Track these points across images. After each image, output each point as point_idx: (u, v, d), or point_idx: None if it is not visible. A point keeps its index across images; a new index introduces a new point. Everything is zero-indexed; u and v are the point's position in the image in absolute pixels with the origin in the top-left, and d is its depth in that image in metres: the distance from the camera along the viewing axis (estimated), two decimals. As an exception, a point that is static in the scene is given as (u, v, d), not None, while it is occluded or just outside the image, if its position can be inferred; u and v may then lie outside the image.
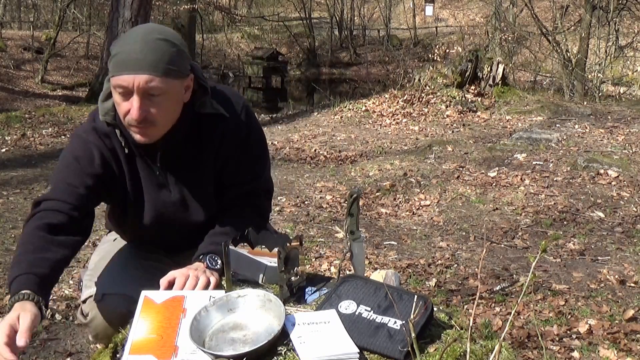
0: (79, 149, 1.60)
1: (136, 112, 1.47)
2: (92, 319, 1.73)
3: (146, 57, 1.44)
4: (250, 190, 1.77)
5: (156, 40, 1.46)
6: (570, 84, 11.67)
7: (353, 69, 22.35)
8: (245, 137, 1.70)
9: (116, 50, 1.48)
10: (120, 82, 1.47)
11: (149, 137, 1.54)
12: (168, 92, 1.49)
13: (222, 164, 1.70)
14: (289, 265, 1.55)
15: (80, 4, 19.19)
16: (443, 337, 1.39)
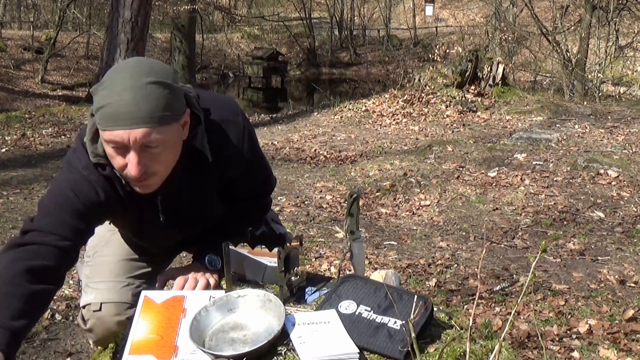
0: (80, 185, 1.46)
1: (135, 169, 1.34)
2: (91, 327, 1.74)
3: (140, 108, 1.29)
4: (255, 196, 1.78)
5: (147, 85, 1.29)
6: (570, 84, 11.67)
7: (353, 69, 22.35)
8: (249, 162, 1.61)
9: (102, 101, 1.31)
10: (113, 137, 1.31)
11: (150, 188, 1.45)
12: (167, 140, 1.36)
13: (226, 185, 1.65)
14: (289, 265, 1.55)
15: (80, 4, 19.19)
16: (443, 337, 1.39)
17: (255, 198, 1.76)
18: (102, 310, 1.70)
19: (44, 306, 1.42)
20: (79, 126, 7.80)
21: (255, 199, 1.77)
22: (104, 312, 1.70)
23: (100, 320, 1.71)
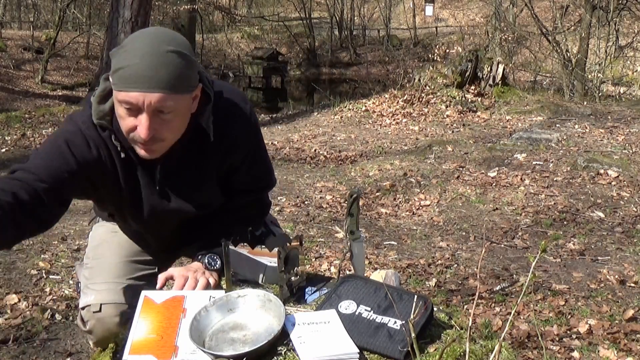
0: (75, 137, 1.48)
1: (145, 131, 1.38)
2: (91, 328, 1.73)
3: (158, 74, 1.33)
4: (254, 195, 1.78)
5: (167, 53, 1.34)
6: (570, 84, 11.67)
7: (353, 69, 22.35)
8: (251, 151, 1.65)
9: (122, 62, 1.35)
10: (128, 98, 1.35)
11: (154, 154, 1.47)
12: (178, 109, 1.41)
13: (226, 173, 1.66)
14: (289, 265, 1.55)
15: (80, 4, 19.19)
16: (443, 337, 1.39)
17: (254, 193, 1.76)
18: (102, 312, 1.70)
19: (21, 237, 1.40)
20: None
21: (254, 196, 1.77)
22: (103, 313, 1.70)
23: (100, 322, 1.70)
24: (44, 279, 3.24)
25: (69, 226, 4.12)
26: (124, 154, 1.50)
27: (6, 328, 2.72)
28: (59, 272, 3.35)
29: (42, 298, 3.02)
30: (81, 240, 3.84)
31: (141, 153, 1.46)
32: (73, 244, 3.78)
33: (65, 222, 4.20)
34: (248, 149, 1.63)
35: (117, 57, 1.37)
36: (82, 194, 1.58)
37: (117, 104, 1.40)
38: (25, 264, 3.43)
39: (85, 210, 4.54)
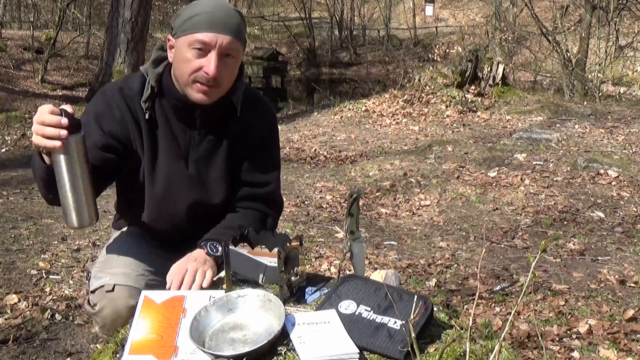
0: (101, 105, 1.68)
1: (214, 68, 1.56)
2: (100, 309, 1.72)
3: (229, 21, 1.57)
4: (260, 196, 1.81)
5: (233, 10, 1.61)
6: (570, 84, 11.67)
7: (353, 69, 22.34)
8: (264, 139, 1.78)
9: (195, 11, 1.57)
10: (203, 38, 1.55)
11: (210, 98, 1.63)
12: (238, 57, 1.63)
13: (236, 159, 1.76)
14: (289, 265, 1.55)
15: (80, 4, 19.19)
16: (443, 337, 1.39)
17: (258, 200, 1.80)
18: (115, 292, 1.69)
19: None
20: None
21: (258, 203, 1.80)
22: (116, 293, 1.69)
23: (112, 302, 1.69)
24: (44, 279, 3.24)
25: (69, 226, 4.12)
26: (148, 115, 1.68)
27: (6, 328, 2.71)
28: (59, 272, 3.35)
29: (42, 298, 3.02)
30: (81, 240, 3.84)
31: (198, 97, 1.62)
32: (73, 244, 3.78)
33: (65, 222, 4.20)
34: (261, 138, 1.77)
35: (187, 11, 1.59)
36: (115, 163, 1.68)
37: (185, 48, 1.58)
38: (25, 264, 3.42)
39: (85, 210, 4.55)
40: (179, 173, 1.73)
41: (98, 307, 1.72)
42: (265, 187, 1.81)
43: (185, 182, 1.74)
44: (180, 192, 1.75)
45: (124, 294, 1.68)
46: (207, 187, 1.76)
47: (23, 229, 4.01)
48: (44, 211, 4.51)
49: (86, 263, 3.49)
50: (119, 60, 9.88)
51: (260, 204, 1.81)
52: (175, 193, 1.75)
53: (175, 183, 1.74)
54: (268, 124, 1.81)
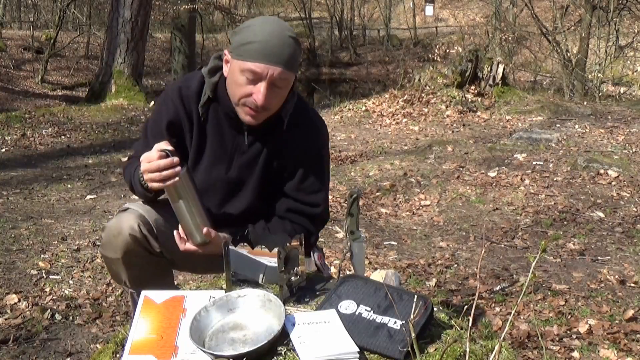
0: (162, 103, 1.82)
1: (262, 98, 1.63)
2: (107, 224, 1.84)
3: (282, 52, 1.61)
4: (308, 214, 1.84)
5: (290, 37, 1.63)
6: (570, 84, 11.68)
7: (353, 69, 22.33)
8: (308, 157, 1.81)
9: (250, 38, 1.62)
10: (254, 68, 1.61)
11: (257, 120, 1.71)
12: (288, 85, 1.69)
13: (274, 172, 1.81)
14: (289, 265, 1.55)
15: (80, 4, 19.17)
16: (443, 337, 1.39)
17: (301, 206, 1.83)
18: (126, 212, 1.81)
19: None
20: (79, 126, 7.81)
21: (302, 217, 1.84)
22: (126, 213, 1.80)
23: (118, 219, 1.80)
24: (44, 279, 3.24)
25: (69, 226, 4.12)
26: (202, 113, 1.78)
27: (6, 328, 2.72)
28: (59, 272, 3.35)
29: (42, 298, 3.02)
30: (81, 240, 3.85)
31: (247, 119, 1.71)
32: (73, 244, 3.78)
33: (65, 222, 4.20)
34: (303, 154, 1.80)
35: (244, 34, 1.64)
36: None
37: (238, 73, 1.65)
38: (25, 264, 3.42)
39: (85, 211, 4.55)
40: (218, 176, 1.82)
41: (107, 223, 1.85)
42: (315, 207, 1.84)
43: (223, 186, 1.83)
44: (214, 194, 1.83)
45: (131, 215, 1.79)
46: (241, 194, 1.84)
47: (23, 229, 4.01)
48: (44, 211, 4.51)
49: (80, 268, 3.50)
50: (119, 60, 9.88)
51: (308, 221, 1.85)
52: (210, 194, 1.83)
53: (212, 185, 1.82)
54: (313, 144, 1.83)
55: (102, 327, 2.78)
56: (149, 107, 9.28)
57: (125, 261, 1.80)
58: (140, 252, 1.79)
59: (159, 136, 1.75)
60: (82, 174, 5.71)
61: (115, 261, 1.81)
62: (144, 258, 1.81)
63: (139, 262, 1.82)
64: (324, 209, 1.86)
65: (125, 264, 1.81)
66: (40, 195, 4.99)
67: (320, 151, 1.86)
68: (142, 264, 1.83)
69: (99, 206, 4.68)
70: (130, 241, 1.76)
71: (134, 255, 1.79)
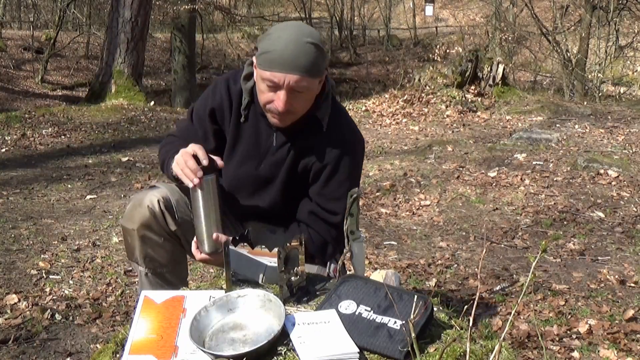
0: (210, 91, 1.91)
1: (282, 105, 1.68)
2: (132, 197, 1.93)
3: (298, 60, 1.64)
4: (329, 222, 1.85)
5: (306, 43, 1.65)
6: (570, 84, 11.68)
7: (353, 69, 22.34)
8: (338, 165, 1.82)
9: (268, 47, 1.66)
10: (271, 77, 1.66)
11: (285, 123, 1.77)
12: (309, 90, 1.71)
13: (300, 173, 1.85)
14: (289, 265, 1.55)
15: (80, 4, 19.18)
16: (443, 337, 1.39)
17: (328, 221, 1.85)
18: (153, 189, 1.91)
19: None
20: (79, 126, 7.81)
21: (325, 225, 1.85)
22: (152, 190, 1.90)
23: (142, 194, 1.89)
24: (44, 279, 3.24)
25: (68, 226, 4.12)
26: (245, 114, 1.85)
27: (6, 328, 2.71)
28: (59, 272, 3.35)
29: (42, 298, 3.02)
30: (81, 240, 3.85)
31: (273, 121, 1.78)
32: (73, 244, 3.78)
33: (65, 222, 4.20)
34: (335, 159, 1.82)
35: (264, 43, 1.68)
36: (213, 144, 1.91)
37: (260, 80, 1.71)
38: (25, 264, 3.43)
39: (85, 211, 4.55)
40: (248, 171, 1.88)
41: (133, 196, 1.96)
42: (333, 215, 1.85)
43: (251, 181, 1.89)
44: (242, 189, 1.90)
45: (155, 191, 1.89)
46: (267, 191, 1.89)
47: (23, 229, 4.01)
48: (44, 211, 4.51)
49: (80, 268, 3.50)
50: (119, 60, 9.87)
51: (325, 228, 1.86)
52: (238, 187, 1.90)
53: (242, 180, 1.89)
54: (340, 151, 1.82)
55: (102, 327, 2.78)
56: (149, 107, 9.28)
57: (140, 233, 1.86)
58: (155, 228, 1.86)
59: (201, 123, 1.88)
60: (82, 174, 5.71)
61: (131, 232, 1.88)
62: (158, 235, 1.88)
63: (153, 238, 1.88)
64: (342, 217, 1.81)
65: (140, 237, 1.87)
66: (40, 195, 4.99)
67: (346, 159, 1.84)
68: (156, 242, 1.89)
69: (99, 206, 4.68)
70: (147, 214, 1.84)
71: (148, 229, 1.86)
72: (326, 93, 1.82)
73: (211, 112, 1.88)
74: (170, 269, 1.96)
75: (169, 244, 1.91)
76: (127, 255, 2.02)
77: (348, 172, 1.86)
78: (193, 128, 1.92)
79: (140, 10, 9.88)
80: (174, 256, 1.95)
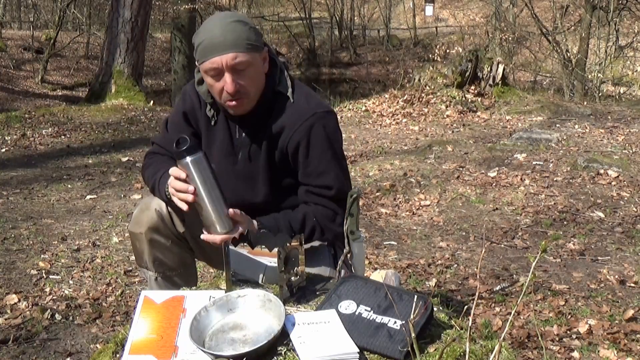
0: (181, 98, 1.93)
1: (230, 86, 1.67)
2: (139, 202, 1.95)
3: (227, 38, 1.65)
4: (327, 196, 1.81)
5: (231, 22, 1.67)
6: (570, 84, 11.68)
7: (353, 69, 22.34)
8: (307, 142, 1.78)
9: (199, 39, 1.68)
10: (210, 65, 1.66)
11: (242, 108, 1.75)
12: (252, 64, 1.69)
13: (278, 159, 1.82)
14: (289, 265, 1.55)
15: (80, 4, 19.18)
16: (443, 337, 1.39)
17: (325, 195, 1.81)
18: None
19: None
20: (79, 126, 7.81)
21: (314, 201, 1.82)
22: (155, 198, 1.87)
23: (149, 198, 1.88)
24: (44, 279, 3.24)
25: (68, 226, 4.12)
26: (211, 115, 1.85)
27: (6, 328, 2.72)
28: (59, 272, 3.35)
29: (42, 298, 3.02)
30: (81, 240, 3.85)
31: (232, 111, 1.76)
32: (73, 244, 3.78)
33: (65, 222, 4.20)
34: (306, 132, 1.77)
35: (195, 38, 1.70)
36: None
37: (205, 76, 1.72)
38: (25, 264, 3.43)
39: (85, 211, 4.55)
40: (227, 168, 1.85)
41: (142, 199, 1.99)
42: (327, 190, 1.81)
43: (232, 177, 1.85)
44: (227, 187, 1.79)
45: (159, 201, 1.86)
46: (252, 185, 1.85)
47: (23, 229, 4.01)
48: (44, 211, 4.51)
49: (80, 268, 3.50)
50: (119, 60, 9.87)
51: (331, 202, 1.82)
52: (224, 188, 1.79)
53: (225, 178, 1.81)
54: (305, 126, 1.78)
55: (102, 327, 2.77)
56: (148, 107, 9.28)
57: (148, 237, 1.84)
58: (163, 230, 1.84)
59: (177, 128, 1.88)
60: (82, 174, 5.71)
61: (139, 236, 1.85)
62: (167, 237, 1.85)
63: (161, 241, 1.85)
64: (338, 188, 1.81)
65: (148, 241, 1.84)
66: (40, 195, 4.99)
67: (318, 129, 1.79)
68: (165, 245, 1.86)
69: (99, 206, 4.68)
70: (155, 217, 1.82)
71: (157, 232, 1.83)
72: (279, 67, 1.80)
73: (184, 116, 1.89)
74: (180, 272, 1.93)
75: (177, 247, 1.89)
76: (136, 261, 1.98)
77: (325, 143, 1.80)
78: (169, 136, 1.89)
79: (140, 10, 9.88)
80: (182, 259, 1.93)
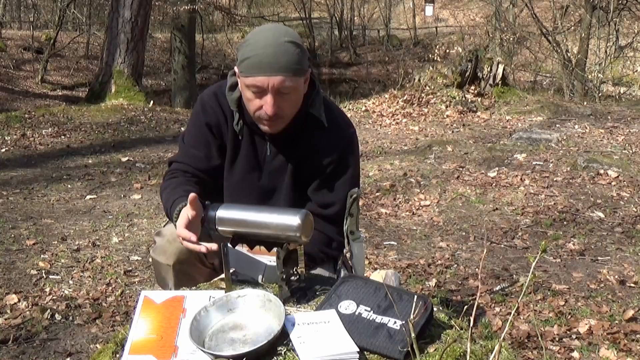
0: (200, 110, 1.84)
1: (271, 108, 1.64)
2: (163, 230, 1.89)
3: (279, 61, 1.60)
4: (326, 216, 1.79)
5: (284, 43, 1.62)
6: (570, 84, 11.67)
7: (353, 69, 22.33)
8: (333, 161, 1.78)
9: (247, 53, 1.63)
10: (255, 82, 1.62)
11: (276, 129, 1.73)
12: (296, 89, 1.67)
13: (305, 177, 1.81)
14: (288, 265, 1.55)
15: (80, 4, 19.17)
16: (443, 337, 1.39)
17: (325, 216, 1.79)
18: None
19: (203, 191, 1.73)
20: (79, 126, 7.81)
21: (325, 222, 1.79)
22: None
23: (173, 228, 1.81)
24: (43, 279, 3.24)
25: (68, 226, 4.12)
26: (239, 130, 1.80)
27: (6, 328, 2.72)
28: (59, 272, 3.35)
29: (42, 298, 3.02)
30: (81, 240, 3.85)
31: (265, 129, 1.73)
32: (73, 244, 3.78)
33: (65, 222, 4.20)
34: (329, 158, 1.78)
35: (243, 50, 1.65)
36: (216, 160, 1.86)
37: (245, 88, 1.68)
38: (25, 264, 3.43)
39: (85, 211, 4.55)
40: (251, 183, 1.83)
41: (163, 228, 1.92)
42: (326, 208, 1.79)
43: (255, 192, 1.83)
44: (248, 201, 1.80)
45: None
46: (273, 202, 1.83)
47: (23, 229, 4.01)
48: (44, 211, 4.51)
49: (80, 269, 3.50)
50: (119, 60, 9.87)
51: (326, 224, 1.79)
52: (244, 200, 1.80)
53: (247, 192, 1.82)
54: (339, 148, 1.79)
55: (102, 327, 2.77)
56: (148, 107, 9.27)
57: (176, 269, 1.80)
58: (192, 262, 1.80)
59: (202, 140, 1.81)
60: (82, 174, 5.70)
61: (166, 267, 1.81)
62: (195, 269, 1.82)
63: (189, 271, 1.82)
64: (339, 208, 1.78)
65: (175, 272, 1.80)
66: (40, 195, 4.99)
67: (340, 152, 1.80)
68: (192, 275, 1.82)
69: (98, 206, 4.68)
70: (184, 249, 1.72)
71: (185, 264, 1.80)
72: (317, 89, 1.78)
73: (208, 128, 1.82)
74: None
75: (204, 273, 1.85)
76: (158, 282, 1.95)
77: (343, 165, 1.81)
78: (192, 151, 1.84)
79: (140, 10, 9.88)
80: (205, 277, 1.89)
